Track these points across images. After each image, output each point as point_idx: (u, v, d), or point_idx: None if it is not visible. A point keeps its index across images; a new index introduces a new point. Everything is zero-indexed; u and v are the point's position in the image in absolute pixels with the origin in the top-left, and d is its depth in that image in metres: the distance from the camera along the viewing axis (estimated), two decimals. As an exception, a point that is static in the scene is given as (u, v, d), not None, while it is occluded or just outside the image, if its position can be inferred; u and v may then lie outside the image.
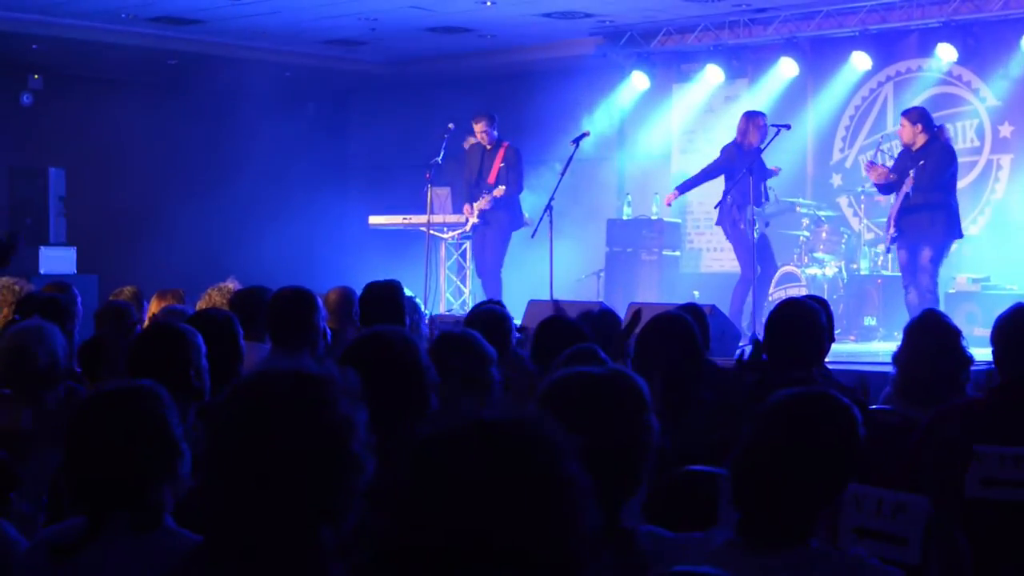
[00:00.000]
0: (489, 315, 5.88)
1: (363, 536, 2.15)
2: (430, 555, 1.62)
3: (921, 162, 9.81)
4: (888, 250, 10.16)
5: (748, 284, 10.50)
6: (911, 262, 9.86)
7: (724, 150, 10.98)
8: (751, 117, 10.96)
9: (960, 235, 9.91)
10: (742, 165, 10.51)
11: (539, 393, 2.71)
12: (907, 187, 9.75)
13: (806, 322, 4.74)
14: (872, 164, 10.32)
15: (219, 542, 2.17)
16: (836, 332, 5.53)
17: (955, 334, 4.76)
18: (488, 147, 11.99)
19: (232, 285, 6.95)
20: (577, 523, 1.66)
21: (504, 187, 11.71)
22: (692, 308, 5.86)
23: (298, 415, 2.12)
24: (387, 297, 6.20)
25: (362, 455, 2.14)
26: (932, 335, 4.73)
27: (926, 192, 9.71)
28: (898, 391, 4.79)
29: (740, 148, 10.78)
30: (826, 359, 5.19)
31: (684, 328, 4.65)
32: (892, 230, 9.88)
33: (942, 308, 8.93)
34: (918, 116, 10.00)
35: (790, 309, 4.89)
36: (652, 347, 4.61)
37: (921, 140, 9.87)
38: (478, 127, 11.98)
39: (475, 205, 11.90)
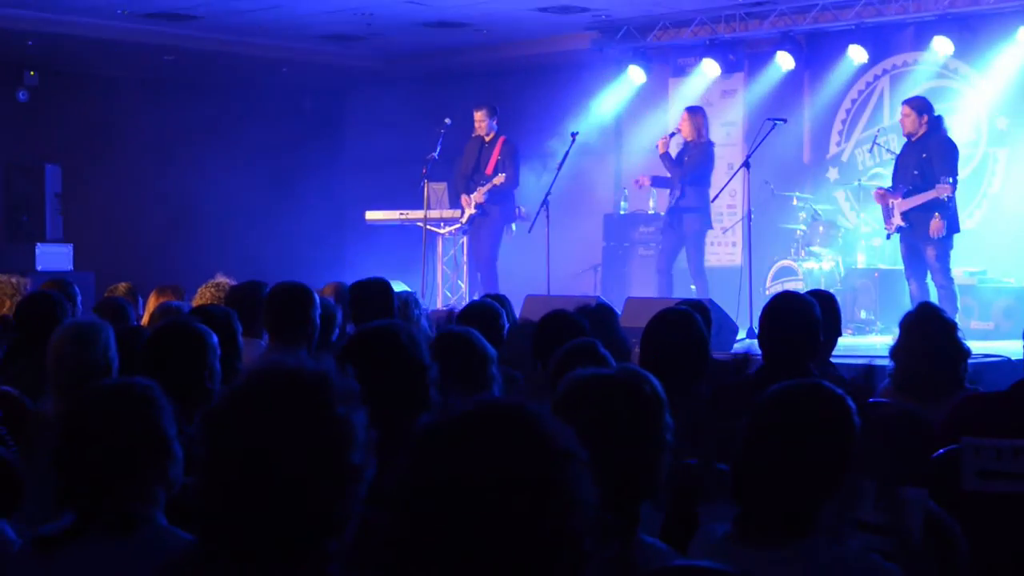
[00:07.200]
0: (482, 310, 5.88)
1: (366, 540, 2.15)
2: (436, 549, 1.62)
3: (924, 155, 9.76)
4: (889, 236, 10.09)
5: None
6: (911, 256, 9.86)
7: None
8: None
9: (958, 229, 9.86)
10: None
11: (555, 397, 2.66)
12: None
13: (800, 315, 4.72)
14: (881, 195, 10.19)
15: (211, 546, 2.13)
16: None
17: (951, 327, 4.75)
18: (487, 139, 11.98)
19: (224, 281, 6.92)
20: (580, 500, 1.66)
21: (504, 175, 11.70)
22: (697, 304, 5.79)
23: (294, 424, 2.07)
24: (377, 295, 6.18)
25: (361, 461, 2.10)
26: (928, 328, 4.71)
27: (929, 187, 9.67)
28: (896, 385, 4.77)
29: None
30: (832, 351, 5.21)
31: (693, 325, 4.63)
32: (900, 220, 9.84)
33: (937, 302, 8.93)
34: (923, 106, 9.92)
35: (783, 302, 4.88)
36: (660, 344, 4.58)
37: (923, 131, 9.83)
38: (478, 116, 11.98)
39: (472, 196, 11.90)
